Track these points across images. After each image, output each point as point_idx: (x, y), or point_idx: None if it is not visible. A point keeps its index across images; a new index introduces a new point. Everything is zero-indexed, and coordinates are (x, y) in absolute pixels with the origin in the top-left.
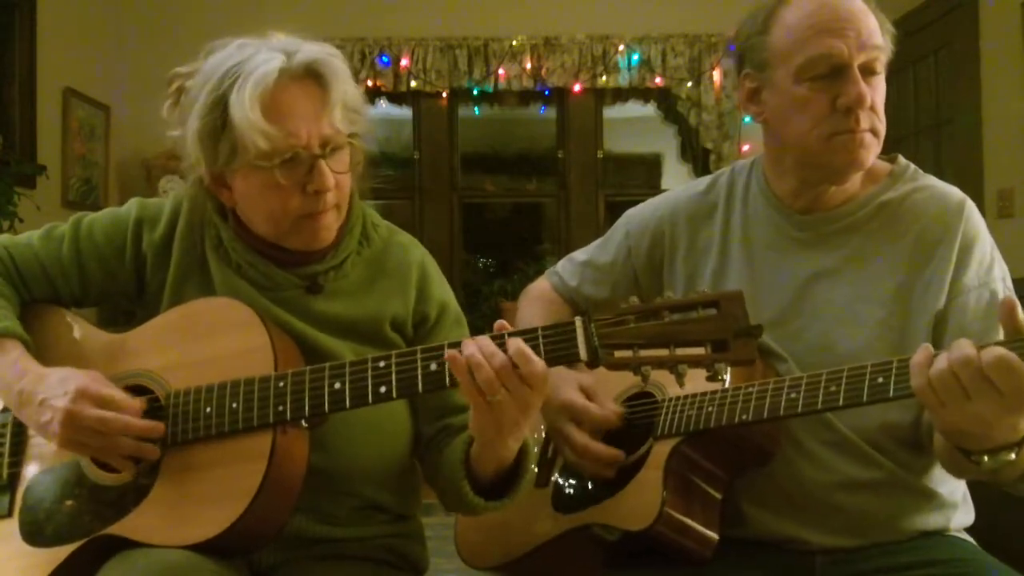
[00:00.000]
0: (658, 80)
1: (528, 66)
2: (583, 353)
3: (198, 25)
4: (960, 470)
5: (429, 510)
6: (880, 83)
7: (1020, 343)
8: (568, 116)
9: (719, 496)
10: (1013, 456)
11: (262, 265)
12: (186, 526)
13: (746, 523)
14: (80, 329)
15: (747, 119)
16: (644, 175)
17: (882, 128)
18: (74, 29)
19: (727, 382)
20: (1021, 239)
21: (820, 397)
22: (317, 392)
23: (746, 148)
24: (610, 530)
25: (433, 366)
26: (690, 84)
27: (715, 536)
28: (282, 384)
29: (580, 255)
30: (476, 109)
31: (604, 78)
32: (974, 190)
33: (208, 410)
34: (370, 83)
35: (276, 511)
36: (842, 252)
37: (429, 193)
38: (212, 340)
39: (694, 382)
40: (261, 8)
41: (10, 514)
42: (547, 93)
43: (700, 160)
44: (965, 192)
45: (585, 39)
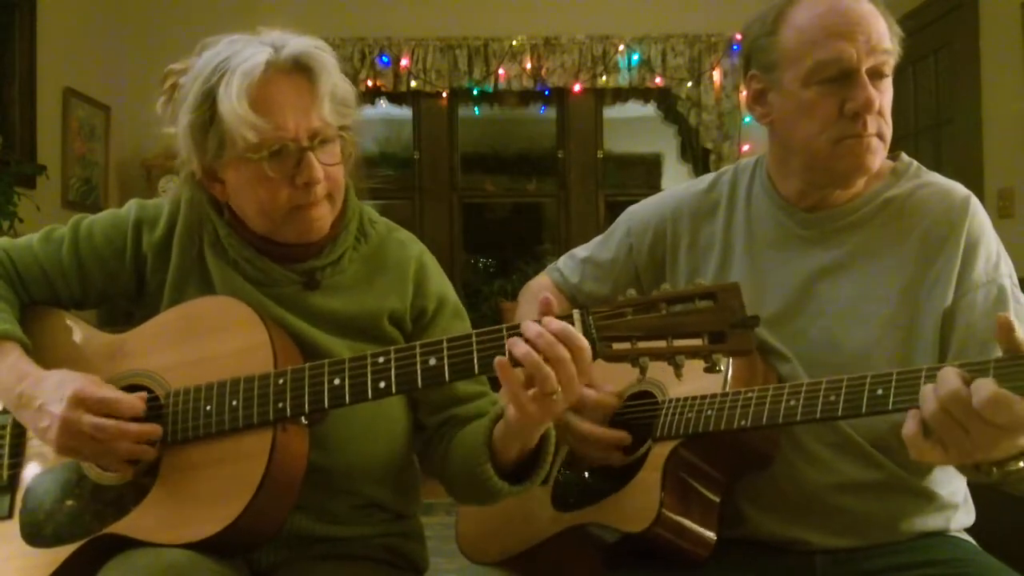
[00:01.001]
0: (658, 80)
1: (528, 66)
2: None
3: (198, 25)
4: (968, 476)
5: (429, 510)
6: (888, 86)
7: (1009, 366)
8: (568, 116)
9: (717, 498)
10: (1022, 464)
11: (259, 261)
12: (187, 524)
13: (746, 524)
14: (80, 330)
15: (747, 119)
16: (644, 175)
17: (888, 132)
18: (74, 29)
19: (728, 377)
20: (1021, 239)
21: (819, 406)
22: (317, 388)
23: (746, 148)
24: (608, 531)
25: (432, 361)
26: (690, 84)
27: (713, 537)
28: (282, 381)
29: (581, 252)
30: (476, 109)
31: (604, 78)
32: (974, 190)
33: (208, 408)
34: (370, 83)
35: (277, 508)
36: (846, 249)
37: (429, 193)
38: (211, 339)
39: (693, 376)
40: (261, 8)
41: (10, 515)
42: (547, 93)
43: (700, 160)
44: None
45: (585, 39)
